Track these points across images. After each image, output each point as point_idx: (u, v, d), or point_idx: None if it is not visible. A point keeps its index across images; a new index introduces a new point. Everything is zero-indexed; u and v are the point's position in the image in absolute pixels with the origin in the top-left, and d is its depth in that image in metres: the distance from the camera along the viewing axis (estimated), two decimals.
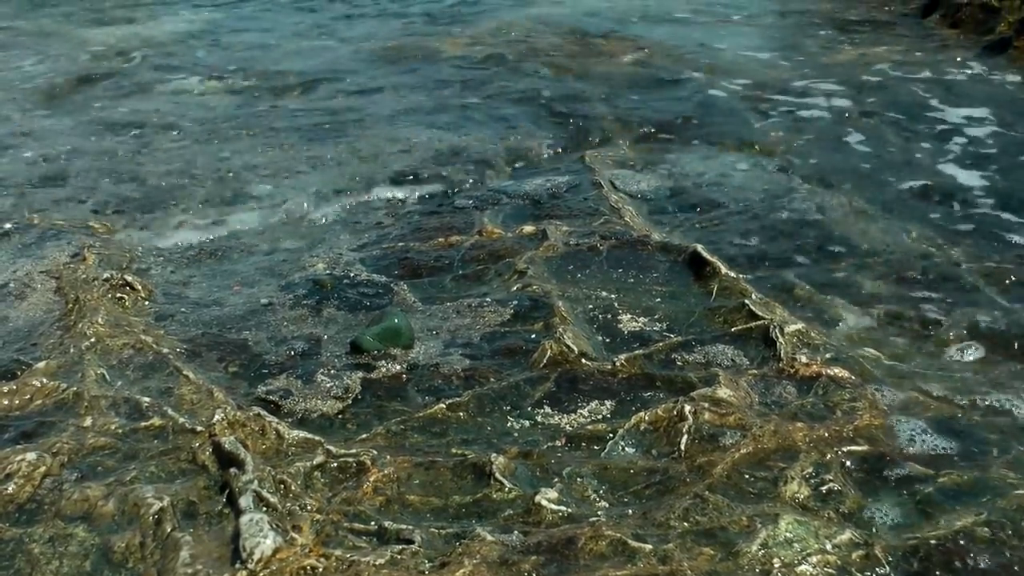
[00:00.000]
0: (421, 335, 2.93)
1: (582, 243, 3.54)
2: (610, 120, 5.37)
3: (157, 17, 9.45)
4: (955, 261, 3.47)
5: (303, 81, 6.44)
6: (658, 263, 3.40)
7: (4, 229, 3.87)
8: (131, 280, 3.32)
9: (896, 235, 3.72)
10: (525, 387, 2.66)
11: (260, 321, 3.09)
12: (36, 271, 3.46)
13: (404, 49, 7.40)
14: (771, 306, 3.03)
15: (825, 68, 6.66)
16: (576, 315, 3.03)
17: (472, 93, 6.01)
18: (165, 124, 5.42)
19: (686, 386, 2.63)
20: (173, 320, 3.12)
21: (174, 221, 3.97)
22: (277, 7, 10.17)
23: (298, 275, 3.41)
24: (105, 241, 3.73)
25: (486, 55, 7.03)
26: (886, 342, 2.93)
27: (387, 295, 3.23)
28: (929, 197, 4.16)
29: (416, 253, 3.55)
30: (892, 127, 5.16)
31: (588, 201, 4.01)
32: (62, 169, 4.63)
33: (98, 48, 7.76)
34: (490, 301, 3.12)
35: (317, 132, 5.16)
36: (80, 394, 2.62)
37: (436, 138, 5.01)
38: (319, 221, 3.96)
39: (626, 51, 7.27)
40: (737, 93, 5.93)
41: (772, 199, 4.10)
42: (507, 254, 3.47)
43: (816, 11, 9.02)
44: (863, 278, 3.37)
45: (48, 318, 3.13)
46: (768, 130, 5.11)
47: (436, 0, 9.70)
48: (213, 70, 6.86)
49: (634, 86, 6.14)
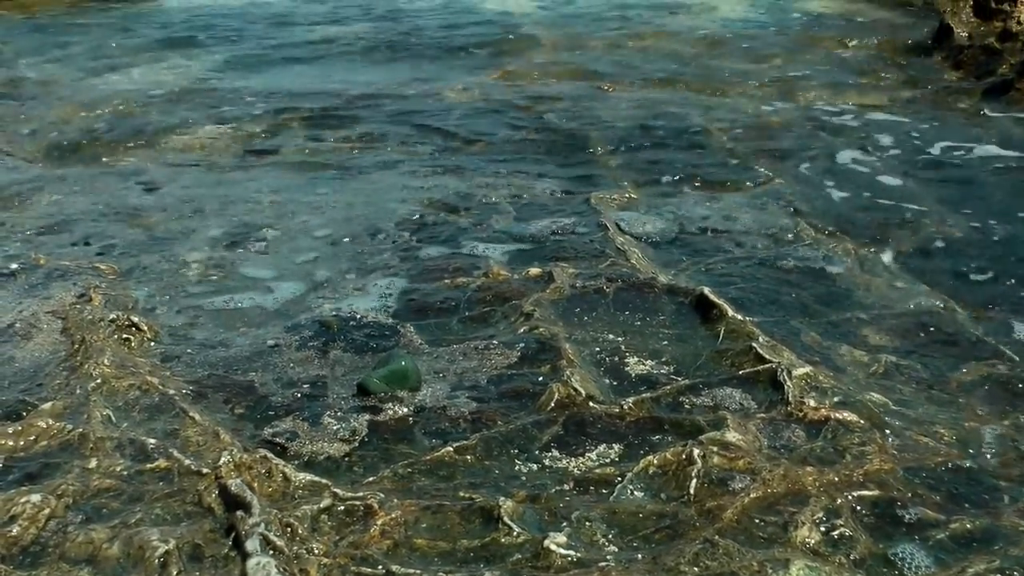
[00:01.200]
0: (428, 377, 2.92)
1: (588, 285, 3.54)
2: (615, 163, 5.40)
3: (162, 61, 9.54)
4: (961, 312, 3.46)
5: (308, 126, 6.47)
6: (665, 305, 3.40)
7: (11, 270, 3.87)
8: (137, 321, 3.32)
9: (901, 284, 3.72)
10: (533, 430, 2.65)
11: (266, 363, 3.09)
12: (42, 311, 3.46)
13: (408, 93, 7.46)
14: (778, 349, 3.02)
15: (828, 110, 6.70)
16: (583, 358, 3.02)
17: (476, 136, 6.04)
18: (171, 170, 5.45)
19: (694, 429, 2.62)
20: (179, 361, 3.11)
21: (180, 263, 3.96)
22: (282, 50, 10.27)
23: (304, 316, 3.41)
24: (111, 282, 3.72)
25: (489, 97, 7.08)
26: (894, 388, 2.92)
27: (393, 337, 3.22)
28: (934, 246, 4.16)
29: (422, 295, 3.55)
30: (895, 172, 5.18)
31: (594, 243, 4.02)
32: (69, 214, 4.64)
33: (104, 94, 7.81)
34: (497, 343, 3.11)
35: (323, 176, 5.18)
36: (85, 435, 2.61)
37: (442, 182, 5.03)
38: (325, 262, 3.96)
39: (629, 92, 7.32)
40: (740, 136, 5.96)
41: (778, 245, 4.11)
42: (514, 296, 3.47)
43: (819, 50, 9.10)
44: (869, 326, 3.36)
45: (54, 359, 3.12)
46: (772, 174, 5.12)
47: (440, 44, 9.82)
48: (219, 114, 6.90)
49: (639, 129, 6.17)
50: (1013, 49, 8.19)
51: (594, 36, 10.47)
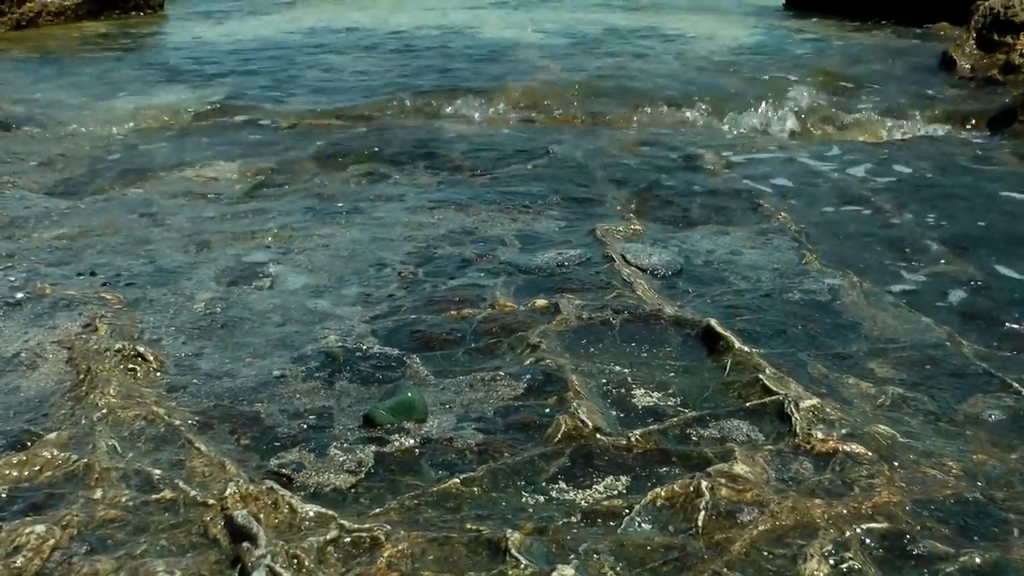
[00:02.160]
0: (434, 409, 2.92)
1: (595, 317, 3.54)
2: (621, 194, 5.41)
3: (169, 93, 9.59)
4: (967, 346, 3.45)
5: (314, 158, 6.50)
6: (671, 337, 3.40)
7: (16, 299, 3.87)
8: (143, 351, 3.32)
9: (907, 317, 3.72)
10: (540, 462, 2.64)
11: (272, 393, 3.08)
12: (47, 341, 3.46)
13: (413, 124, 7.50)
14: (785, 381, 3.01)
15: (831, 142, 6.73)
16: (590, 389, 3.02)
17: (481, 169, 6.07)
18: (178, 201, 5.47)
19: (702, 461, 2.60)
20: (185, 392, 3.11)
21: (186, 293, 3.97)
22: (285, 76, 10.33)
23: (310, 347, 3.40)
24: (117, 312, 3.72)
25: (493, 129, 7.11)
26: (901, 420, 2.91)
27: (400, 368, 3.22)
28: (940, 280, 4.16)
29: (428, 326, 3.55)
30: (900, 205, 5.19)
31: (600, 275, 4.02)
32: (75, 244, 4.65)
33: (112, 125, 7.86)
34: (503, 375, 3.11)
35: (328, 209, 5.19)
36: (90, 466, 2.60)
37: (447, 214, 5.04)
38: (331, 294, 3.96)
39: (634, 123, 7.36)
40: (744, 167, 5.98)
41: (784, 278, 4.11)
42: (520, 327, 3.47)
43: (822, 81, 9.15)
44: (875, 359, 3.35)
45: (59, 388, 3.12)
46: (778, 207, 5.14)
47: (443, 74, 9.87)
48: (225, 146, 6.94)
49: (644, 160, 6.20)
50: (1016, 81, 8.27)
51: (597, 65, 10.53)
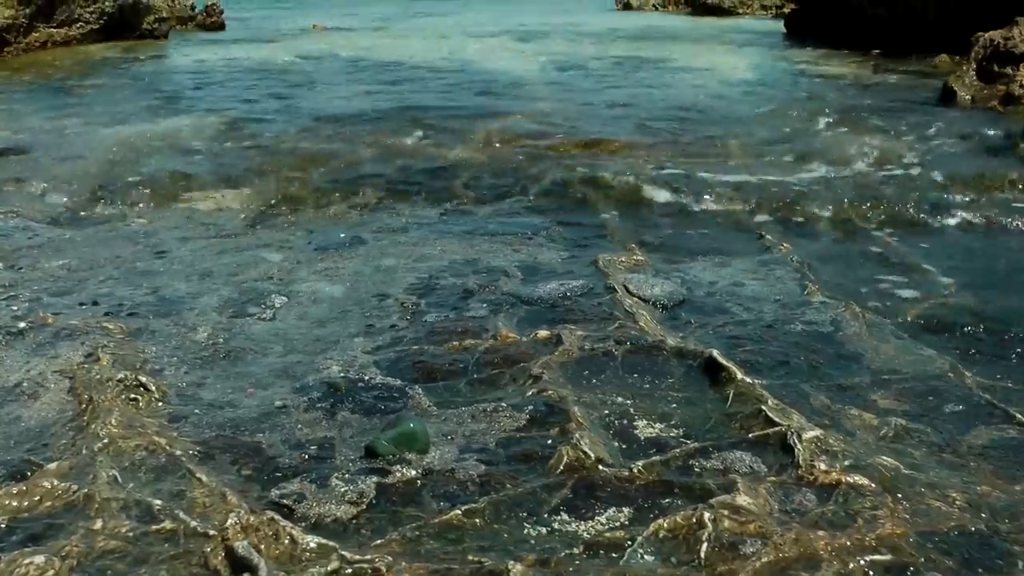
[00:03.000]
0: (436, 440, 2.91)
1: (597, 348, 3.54)
2: (623, 224, 5.43)
3: (172, 119, 9.64)
4: (970, 376, 3.45)
5: (317, 187, 6.53)
6: (673, 368, 3.39)
7: (18, 328, 3.88)
8: (145, 381, 3.31)
9: (910, 348, 3.71)
10: (542, 493, 2.63)
11: (274, 424, 3.08)
12: (49, 370, 3.46)
13: (416, 154, 7.52)
14: (788, 412, 3.01)
15: (832, 173, 6.75)
16: (592, 421, 3.01)
17: (483, 199, 6.08)
18: (181, 230, 5.49)
19: (704, 493, 2.59)
20: (187, 422, 3.10)
21: (189, 323, 3.97)
22: (287, 106, 10.38)
23: (312, 378, 3.40)
24: (119, 342, 3.72)
25: (495, 160, 7.13)
26: (904, 452, 2.90)
27: (402, 399, 3.22)
28: (942, 310, 4.16)
29: (431, 357, 3.55)
30: (902, 236, 5.21)
31: (602, 306, 4.02)
32: (78, 274, 4.66)
33: (115, 152, 7.88)
34: (505, 406, 3.10)
35: (331, 239, 5.21)
36: (91, 496, 2.59)
37: (449, 244, 5.05)
38: (333, 324, 3.96)
39: (636, 152, 7.38)
40: (746, 197, 5.99)
41: (786, 309, 4.11)
42: (522, 359, 3.47)
43: (824, 113, 9.19)
44: (878, 390, 3.35)
45: (61, 418, 3.11)
46: (780, 237, 5.14)
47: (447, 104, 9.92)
48: (229, 174, 6.96)
49: (646, 190, 6.21)
50: (1016, 112, 8.29)
51: (600, 95, 10.59)
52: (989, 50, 9.74)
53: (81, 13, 16.96)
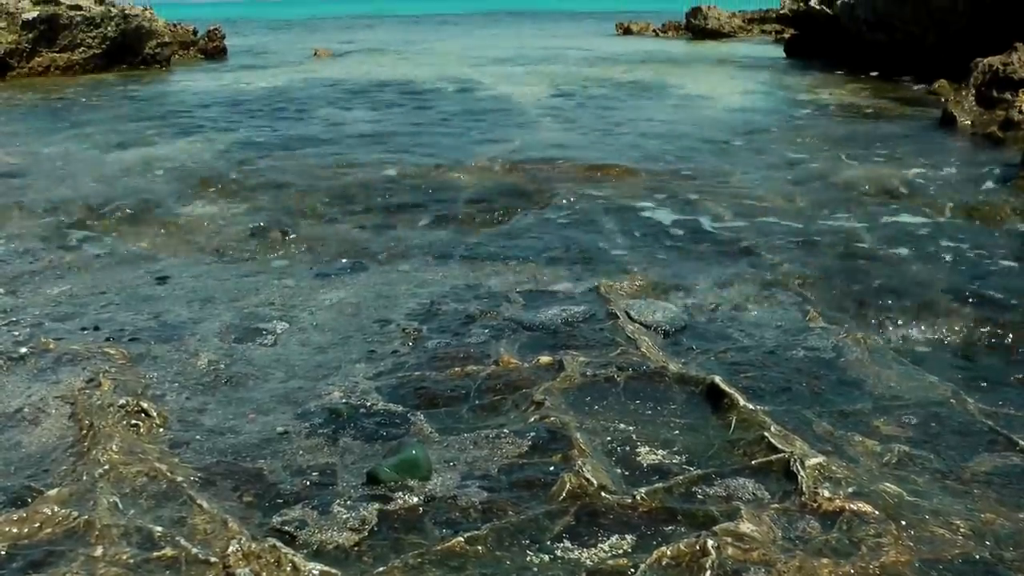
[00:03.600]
0: (438, 466, 2.90)
1: (599, 374, 3.53)
2: (624, 249, 5.43)
3: (174, 142, 9.70)
4: (972, 402, 3.44)
5: (319, 211, 6.54)
6: (676, 395, 3.38)
7: (20, 354, 3.87)
8: (146, 407, 3.31)
9: (912, 373, 3.70)
10: (544, 521, 2.61)
11: (275, 450, 3.07)
12: (51, 396, 3.45)
13: (419, 178, 7.54)
14: (791, 439, 3.00)
15: (838, 190, 6.76)
16: (594, 447, 3.00)
17: (484, 223, 6.09)
18: (182, 254, 5.49)
19: (708, 520, 2.58)
20: (188, 448, 3.09)
21: (190, 348, 3.97)
22: (289, 128, 10.42)
23: (314, 404, 3.39)
24: (121, 367, 3.72)
25: (497, 184, 7.15)
26: (908, 479, 2.89)
27: (404, 425, 3.21)
28: (944, 335, 4.16)
29: (433, 383, 3.54)
30: (904, 261, 5.20)
31: (604, 332, 4.02)
32: (79, 298, 4.67)
33: (117, 173, 7.93)
34: (508, 432, 3.09)
35: (333, 266, 5.21)
36: (91, 523, 2.59)
37: (451, 269, 5.06)
38: (335, 350, 3.95)
39: (638, 178, 7.39)
40: (748, 224, 6.00)
41: (787, 334, 4.11)
42: (524, 384, 3.46)
43: (825, 139, 9.21)
44: (880, 416, 3.34)
45: (61, 444, 3.11)
46: (781, 262, 5.15)
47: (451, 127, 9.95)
48: (229, 197, 6.98)
49: (647, 216, 6.22)
50: (1016, 138, 8.31)
51: (601, 120, 10.62)
52: (988, 76, 9.78)
53: (83, 38, 17.06)
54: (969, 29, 12.89)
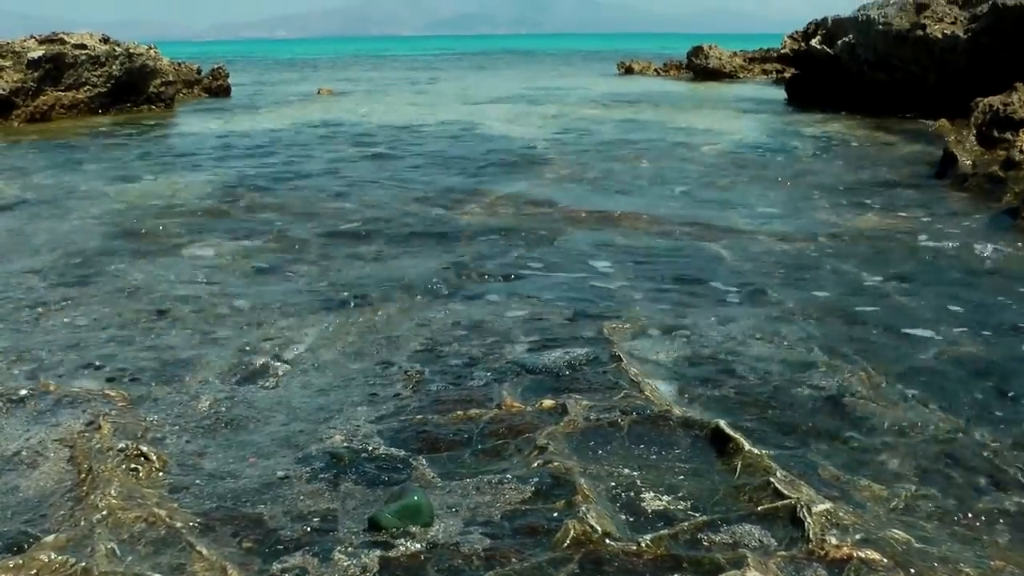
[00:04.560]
0: (440, 512, 2.87)
1: (603, 418, 3.50)
2: (627, 289, 5.41)
3: (177, 179, 9.73)
4: (979, 440, 3.42)
5: (321, 248, 6.54)
6: (680, 439, 3.36)
7: (19, 395, 3.85)
8: (146, 450, 3.28)
9: (917, 413, 3.68)
10: (548, 568, 2.58)
11: (276, 495, 3.04)
12: (50, 439, 3.43)
13: (421, 216, 7.55)
14: (797, 484, 2.96)
15: (837, 234, 6.76)
16: (599, 493, 2.97)
17: (487, 262, 6.08)
18: (184, 291, 5.48)
19: (714, 568, 2.55)
20: (187, 492, 3.06)
21: (191, 390, 3.94)
22: (291, 166, 10.44)
23: (315, 447, 3.36)
24: (121, 410, 3.70)
25: (500, 224, 7.15)
26: (916, 524, 2.86)
27: (406, 470, 3.18)
28: (949, 371, 4.13)
29: (435, 426, 3.51)
30: (907, 296, 5.19)
31: (607, 374, 3.99)
32: (80, 337, 4.64)
33: (120, 208, 7.94)
34: (511, 478, 3.06)
35: (335, 303, 5.20)
36: (89, 570, 2.55)
37: (453, 309, 5.04)
38: (336, 392, 3.93)
39: (639, 220, 7.39)
40: (751, 260, 5.99)
41: (791, 371, 4.09)
42: (527, 429, 3.43)
43: (828, 175, 9.24)
44: (887, 456, 3.31)
45: (59, 488, 3.08)
46: (784, 298, 5.13)
47: (454, 164, 9.97)
48: (228, 233, 6.99)
49: (649, 254, 6.22)
50: (1017, 177, 8.31)
51: (605, 161, 10.64)
52: (989, 115, 9.80)
53: (88, 77, 17.16)
54: (969, 69, 12.96)
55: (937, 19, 13.65)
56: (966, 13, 13.43)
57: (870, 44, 14.90)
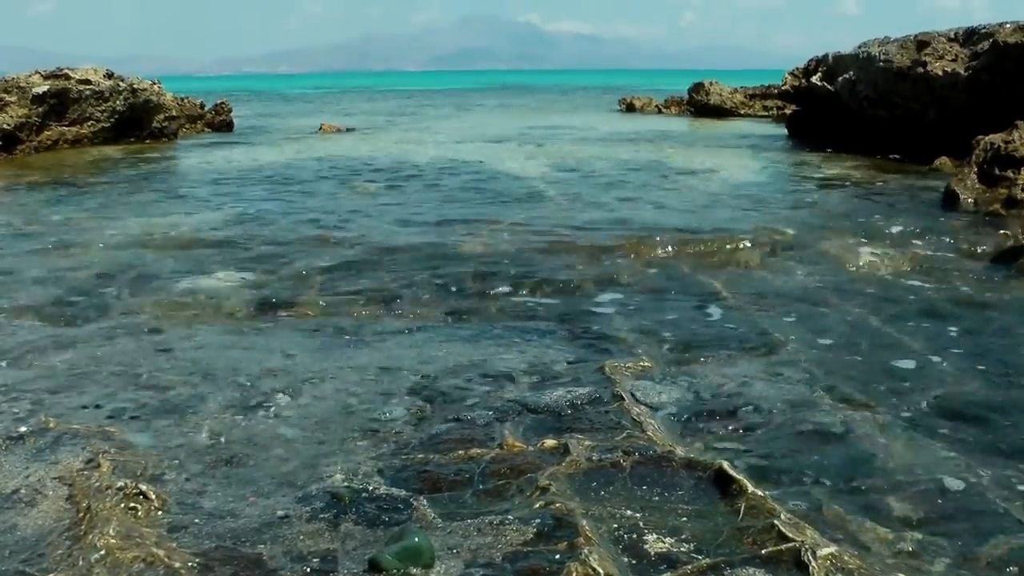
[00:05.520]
0: (441, 553, 2.84)
1: (605, 459, 3.48)
2: (628, 327, 5.40)
3: (178, 213, 9.75)
4: (985, 481, 3.39)
5: (322, 282, 6.54)
6: (683, 480, 3.33)
7: (19, 433, 3.83)
8: (145, 489, 3.26)
9: (922, 454, 3.65)
10: None
11: (275, 535, 3.01)
12: (48, 477, 3.41)
13: (423, 250, 7.56)
14: (801, 527, 2.94)
15: (839, 271, 6.76)
16: (601, 535, 2.94)
17: (488, 301, 6.07)
18: (185, 328, 5.47)
19: None
20: (186, 532, 3.04)
21: (190, 427, 3.93)
22: (293, 202, 10.47)
23: (315, 486, 3.34)
24: (120, 447, 3.68)
25: (503, 260, 7.15)
26: (922, 569, 2.83)
27: (406, 510, 3.15)
28: (953, 411, 4.11)
29: (436, 466, 3.49)
30: (910, 335, 5.18)
31: (609, 414, 3.97)
32: (81, 374, 4.63)
33: (119, 243, 7.95)
34: (512, 519, 3.03)
35: (334, 341, 5.19)
36: None
37: (454, 347, 5.03)
38: (337, 430, 3.91)
39: (642, 257, 7.39)
40: (754, 299, 5.99)
41: (795, 411, 4.07)
42: (529, 469, 3.41)
43: (829, 215, 9.24)
44: (892, 498, 3.29)
45: (58, 527, 3.05)
46: (787, 338, 5.12)
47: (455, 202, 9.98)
48: (229, 269, 6.99)
49: (651, 292, 6.21)
50: (1019, 216, 8.33)
51: (604, 197, 10.66)
52: (990, 153, 9.82)
53: (92, 112, 17.25)
54: (970, 106, 13.00)
55: (938, 56, 13.70)
56: (967, 51, 13.49)
57: (871, 81, 14.96)
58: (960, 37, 13.92)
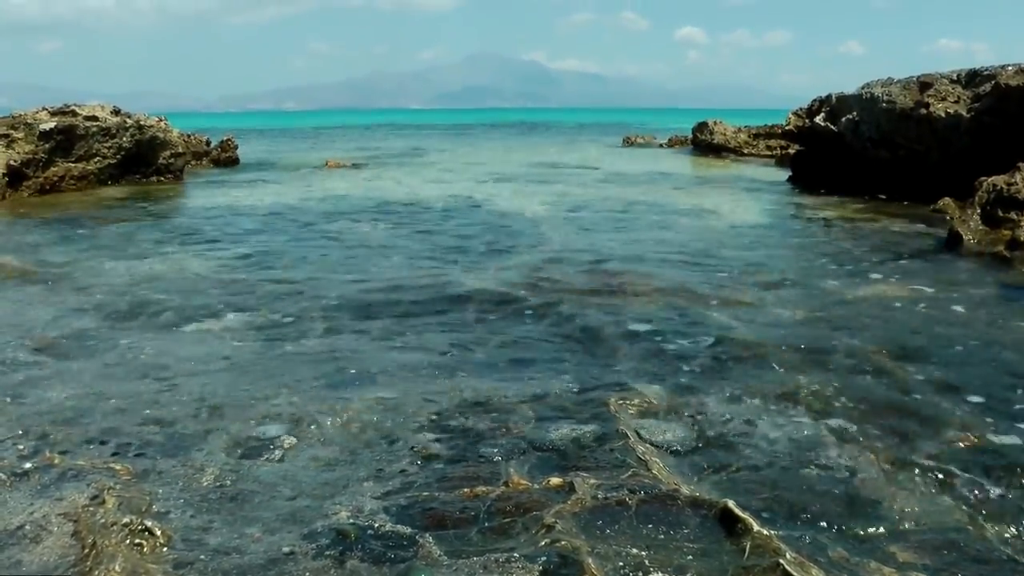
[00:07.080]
0: None
1: (610, 497, 3.47)
2: (633, 363, 5.41)
3: (183, 251, 9.76)
4: (988, 527, 3.38)
5: (326, 322, 6.55)
6: (688, 519, 3.32)
7: (24, 469, 3.83)
8: (150, 525, 3.25)
9: (927, 494, 3.65)
10: None
11: (281, 571, 3.01)
12: (53, 513, 3.40)
13: (426, 285, 7.58)
14: (807, 566, 2.93)
15: (847, 309, 6.76)
16: (607, 573, 2.93)
17: (494, 337, 6.08)
18: (188, 365, 5.47)
19: None
20: (192, 568, 3.03)
21: (196, 464, 3.92)
22: (299, 241, 10.50)
23: (321, 523, 3.34)
24: (126, 484, 3.67)
25: (508, 297, 7.17)
26: None
27: (412, 547, 3.14)
28: (959, 457, 4.10)
29: (441, 503, 3.49)
30: (916, 375, 5.17)
31: (615, 452, 3.97)
32: (86, 411, 4.63)
33: (123, 284, 7.96)
34: (518, 556, 3.03)
35: (340, 377, 5.19)
36: None
37: (459, 383, 5.03)
38: (342, 467, 3.91)
39: (645, 290, 7.41)
40: (758, 335, 5.99)
41: (800, 451, 4.07)
42: (534, 507, 3.40)
43: (833, 255, 9.25)
44: (896, 541, 3.28)
45: (62, 563, 3.05)
46: (792, 376, 5.12)
47: (457, 238, 10.01)
48: (235, 308, 7.00)
49: (655, 325, 6.22)
50: (1023, 258, 8.33)
51: (611, 236, 10.70)
52: (993, 195, 9.86)
53: (99, 148, 17.35)
54: (972, 148, 13.06)
55: (940, 98, 13.79)
56: (969, 92, 13.57)
57: (874, 122, 15.03)
58: (962, 79, 14.01)
